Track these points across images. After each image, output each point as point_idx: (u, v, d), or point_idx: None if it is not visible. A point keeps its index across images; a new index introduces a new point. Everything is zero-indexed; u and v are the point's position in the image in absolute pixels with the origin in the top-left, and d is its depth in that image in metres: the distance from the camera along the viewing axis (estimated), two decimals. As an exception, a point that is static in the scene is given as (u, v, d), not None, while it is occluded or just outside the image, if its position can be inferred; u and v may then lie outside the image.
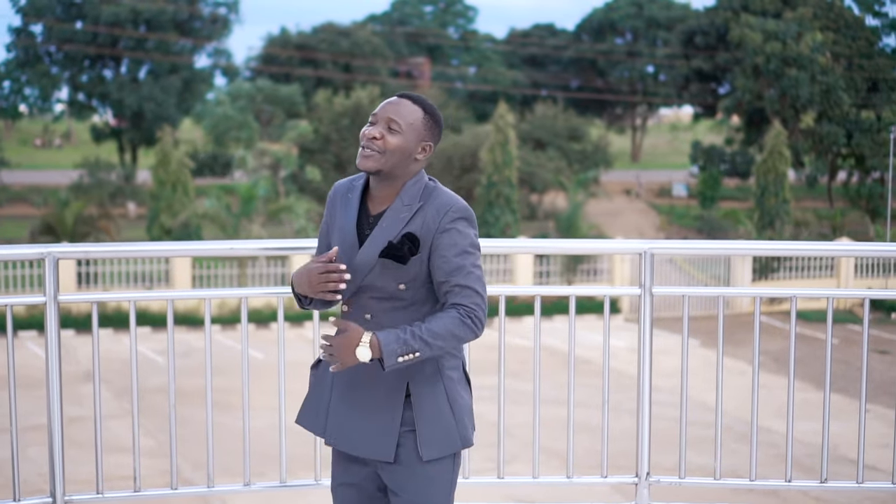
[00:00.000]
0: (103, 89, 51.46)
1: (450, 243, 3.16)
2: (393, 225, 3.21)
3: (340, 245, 3.26)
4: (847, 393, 16.64)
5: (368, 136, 3.22)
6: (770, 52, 43.01)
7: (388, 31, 62.76)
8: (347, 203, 3.32)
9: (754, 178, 37.86)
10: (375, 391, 3.23)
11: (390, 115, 3.23)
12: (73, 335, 23.83)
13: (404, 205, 3.22)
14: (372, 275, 3.20)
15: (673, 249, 4.72)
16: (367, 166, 3.21)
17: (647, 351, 4.43)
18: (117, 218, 36.88)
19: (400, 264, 3.16)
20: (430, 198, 3.22)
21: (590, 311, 24.83)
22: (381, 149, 3.20)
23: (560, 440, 9.95)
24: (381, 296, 3.22)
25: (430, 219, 3.18)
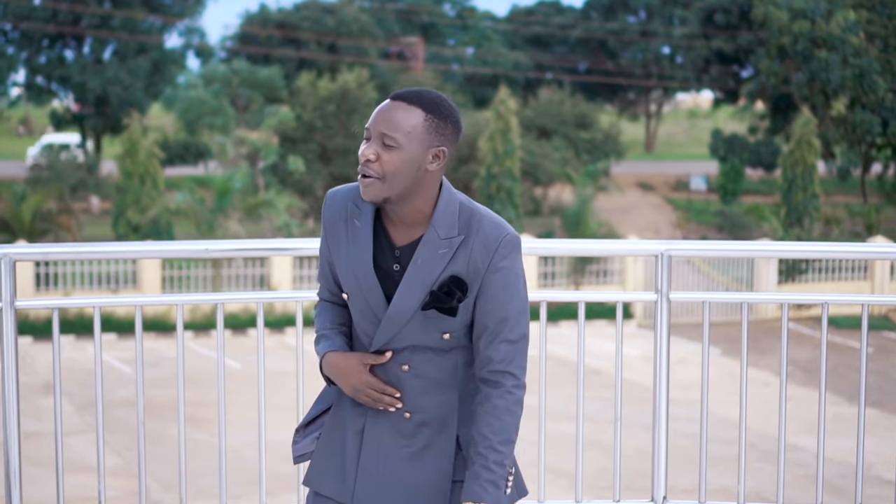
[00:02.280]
0: (64, 72, 51.35)
1: (502, 286, 2.97)
2: (431, 263, 2.96)
3: (356, 285, 3.02)
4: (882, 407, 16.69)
5: (363, 158, 2.97)
6: (798, 32, 43.05)
7: (377, 7, 62.74)
8: (356, 233, 3.04)
9: (780, 170, 37.89)
10: (419, 443, 3.06)
11: (382, 129, 2.96)
12: (30, 342, 23.82)
13: (441, 238, 2.97)
14: (411, 325, 2.99)
15: (693, 251, 4.72)
16: (370, 197, 2.95)
17: (664, 362, 4.43)
18: (79, 213, 36.85)
19: (448, 316, 2.96)
20: (471, 226, 2.98)
21: (600, 317, 24.84)
22: (378, 173, 2.94)
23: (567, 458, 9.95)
24: (418, 346, 3.01)
25: (477, 256, 2.96)
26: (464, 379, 3.08)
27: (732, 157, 47.33)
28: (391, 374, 3.04)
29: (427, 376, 3.04)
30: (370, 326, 3.03)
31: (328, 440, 3.15)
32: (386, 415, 3.06)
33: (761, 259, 29.85)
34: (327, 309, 3.19)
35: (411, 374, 3.03)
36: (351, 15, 56.85)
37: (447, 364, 3.04)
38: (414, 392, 3.04)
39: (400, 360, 3.03)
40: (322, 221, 3.12)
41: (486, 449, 2.95)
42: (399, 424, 3.06)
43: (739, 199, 45.90)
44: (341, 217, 3.07)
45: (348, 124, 41.50)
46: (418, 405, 3.05)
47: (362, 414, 3.09)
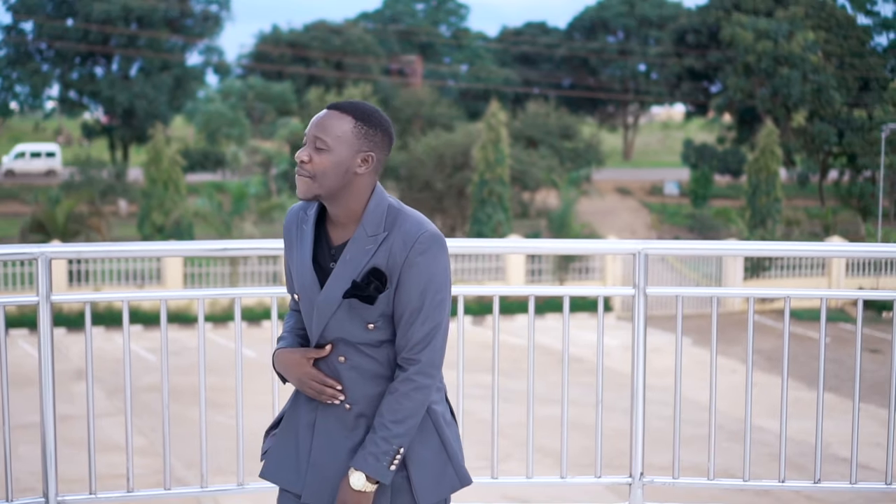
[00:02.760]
0: (94, 87, 51.36)
1: (417, 279, 2.93)
2: (357, 258, 2.96)
3: (300, 283, 3.02)
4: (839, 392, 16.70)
5: (297, 159, 2.98)
6: (762, 51, 43.08)
7: (379, 28, 62.71)
8: (302, 234, 3.06)
9: (746, 176, 37.92)
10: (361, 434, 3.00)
11: (314, 133, 2.96)
12: (64, 333, 23.80)
13: (368, 235, 2.96)
14: (338, 316, 2.97)
15: (667, 250, 4.72)
16: (300, 193, 2.99)
17: (641, 352, 4.44)
18: (108, 216, 36.83)
19: (368, 304, 2.94)
20: (395, 224, 2.96)
21: (582, 310, 24.84)
22: (310, 172, 2.95)
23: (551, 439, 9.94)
24: (351, 337, 2.99)
25: (396, 250, 2.93)
26: None
27: (702, 164, 47.35)
28: (330, 365, 3.01)
29: (361, 367, 2.99)
30: (312, 323, 3.03)
31: (284, 433, 3.11)
32: (333, 408, 3.01)
33: (729, 257, 29.88)
34: (292, 317, 3.19)
35: (347, 366, 2.99)
36: (356, 35, 56.84)
37: (380, 356, 3.00)
38: (351, 383, 3.00)
39: (338, 353, 3.00)
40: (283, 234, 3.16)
41: (379, 424, 2.93)
42: (342, 417, 3.01)
43: (709, 202, 45.91)
44: (294, 222, 3.11)
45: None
46: (356, 397, 3.00)
47: (314, 408, 3.05)
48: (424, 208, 40.82)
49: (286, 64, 56.38)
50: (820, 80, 42.76)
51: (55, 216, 32.33)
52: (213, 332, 24.39)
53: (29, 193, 42.22)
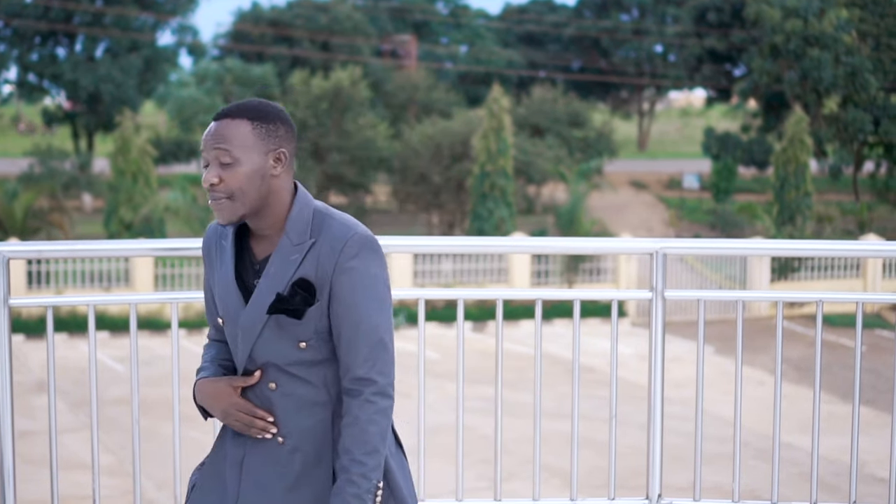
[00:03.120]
0: (56, 69, 51.29)
1: (354, 288, 2.88)
2: (282, 271, 2.90)
3: (224, 305, 2.96)
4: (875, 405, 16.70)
5: (206, 184, 2.91)
6: (790, 31, 43.09)
7: (370, 5, 62.71)
8: (222, 254, 3.01)
9: (773, 168, 37.92)
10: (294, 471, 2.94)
11: (214, 148, 2.91)
12: (22, 341, 23.78)
13: (294, 245, 2.90)
14: (265, 336, 2.90)
15: (687, 249, 4.72)
16: (224, 220, 2.92)
17: (659, 361, 4.43)
18: (71, 211, 36.80)
19: (295, 319, 2.88)
20: (322, 230, 2.91)
21: (593, 315, 24.85)
22: (226, 193, 2.90)
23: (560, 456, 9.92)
24: (282, 360, 2.91)
25: (324, 257, 2.88)
26: (337, 398, 2.97)
27: (725, 155, 47.38)
28: (260, 394, 2.95)
29: (295, 394, 2.93)
30: (236, 349, 2.98)
31: (209, 473, 3.05)
32: (263, 443, 2.95)
33: (754, 257, 29.89)
34: (212, 346, 3.15)
35: (279, 393, 2.93)
36: (344, 13, 56.82)
37: (315, 379, 2.93)
38: (284, 414, 2.94)
39: (267, 379, 2.94)
40: (202, 250, 3.12)
41: (349, 462, 2.84)
42: (274, 452, 2.95)
43: (732, 197, 45.95)
44: (213, 244, 3.07)
45: (341, 122, 41.47)
46: (289, 428, 2.94)
47: (242, 444, 2.98)
48: (420, 203, 40.87)
49: (267, 44, 56.34)
50: (854, 63, 42.78)
51: (13, 212, 32.31)
52: (186, 338, 24.38)
53: (-16, 187, 42.20)
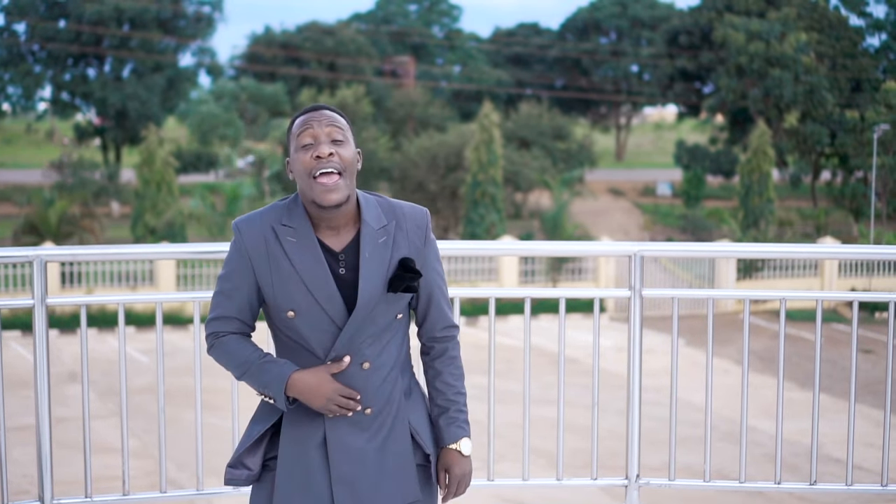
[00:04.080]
0: (86, 88, 51.26)
1: (434, 255, 3.02)
2: (378, 253, 2.89)
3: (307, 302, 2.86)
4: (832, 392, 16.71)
5: (323, 154, 2.83)
6: (753, 52, 43.13)
7: (372, 29, 62.69)
8: (296, 250, 2.87)
9: (738, 177, 37.97)
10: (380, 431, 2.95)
11: (329, 128, 2.88)
12: (57, 335, 23.74)
13: (376, 228, 2.90)
14: (373, 315, 2.89)
15: (663, 252, 4.72)
16: (336, 199, 2.84)
17: (637, 354, 4.43)
18: (101, 217, 36.74)
19: (411, 293, 2.93)
20: (394, 212, 2.94)
21: (575, 310, 24.75)
22: (340, 166, 2.85)
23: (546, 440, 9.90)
24: (377, 333, 2.92)
25: (413, 236, 2.94)
26: (404, 358, 3.03)
27: (695, 165, 47.41)
28: (354, 375, 2.91)
29: (383, 366, 2.93)
30: (325, 336, 2.89)
31: (288, 460, 2.94)
32: (344, 418, 2.91)
33: (722, 258, 29.89)
34: (243, 341, 2.99)
35: (371, 370, 2.91)
36: (348, 36, 56.81)
37: (396, 346, 2.96)
38: (373, 387, 2.93)
39: (360, 359, 2.90)
40: (242, 251, 2.91)
41: (455, 395, 3.02)
42: (359, 422, 2.92)
43: (701, 203, 45.96)
44: (263, 242, 2.90)
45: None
46: (376, 398, 2.93)
47: (319, 425, 2.92)
48: (417, 209, 40.80)
49: (279, 65, 56.32)
50: (812, 81, 42.83)
51: (48, 218, 32.25)
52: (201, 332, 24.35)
53: (21, 195, 42.10)
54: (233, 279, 2.94)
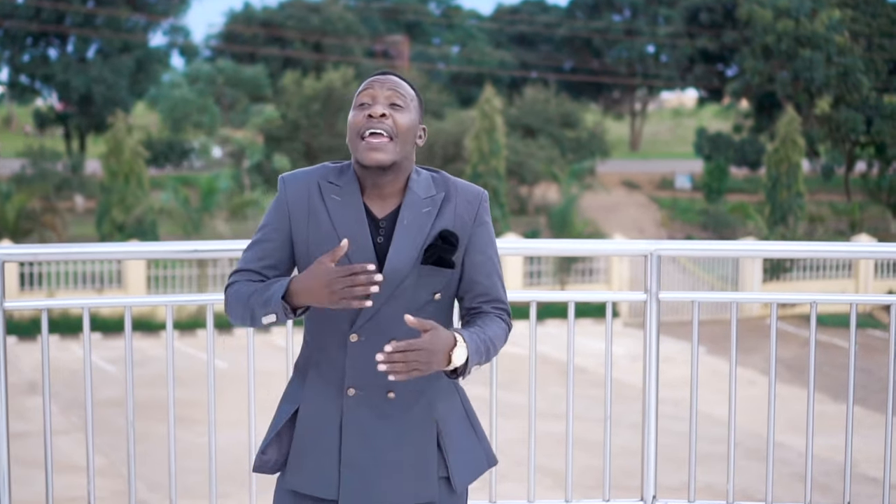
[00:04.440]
0: (47, 70, 51.21)
1: (488, 239, 3.03)
2: (416, 222, 2.95)
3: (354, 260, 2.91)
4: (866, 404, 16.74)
5: (374, 114, 2.92)
6: (782, 31, 43.15)
7: (362, 6, 62.69)
8: (339, 208, 2.95)
9: (765, 168, 37.98)
10: (402, 423, 3.00)
11: (390, 90, 2.97)
12: (15, 342, 23.73)
13: (422, 197, 2.97)
14: (403, 286, 2.93)
15: (682, 251, 4.72)
16: (379, 159, 2.90)
17: (654, 363, 4.43)
18: (64, 212, 36.73)
19: (442, 268, 2.94)
20: (448, 186, 3.01)
21: (585, 315, 24.82)
22: (391, 130, 2.92)
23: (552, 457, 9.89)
24: (409, 310, 2.92)
25: (462, 210, 2.99)
26: None
27: (717, 155, 47.42)
28: (378, 351, 2.87)
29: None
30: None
31: (302, 435, 3.03)
32: (365, 401, 2.97)
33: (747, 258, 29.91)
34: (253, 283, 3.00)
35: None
36: (336, 13, 56.80)
37: None
38: None
39: (387, 336, 2.91)
40: (282, 204, 3.01)
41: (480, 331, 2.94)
42: (381, 406, 2.98)
43: (724, 197, 45.99)
44: (306, 197, 2.99)
45: (333, 122, 41.45)
46: (402, 384, 2.96)
47: (336, 404, 2.98)
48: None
49: (259, 45, 56.32)
50: (846, 63, 42.84)
51: (5, 213, 32.25)
52: (178, 340, 24.34)
53: (-25, 188, 42.11)
54: (265, 232, 3.04)
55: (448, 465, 3.04)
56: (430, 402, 3.03)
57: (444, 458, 3.04)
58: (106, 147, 35.21)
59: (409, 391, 2.99)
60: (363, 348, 2.96)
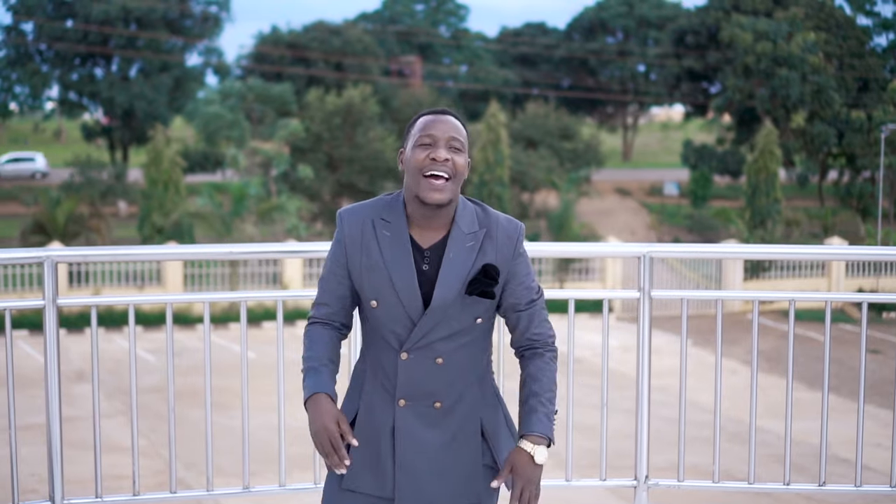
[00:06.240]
0: (94, 88, 51.33)
1: (525, 270, 3.05)
2: (462, 256, 2.98)
3: (389, 292, 2.97)
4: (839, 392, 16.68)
5: (438, 158, 2.96)
6: (761, 52, 43.07)
7: (379, 29, 62.69)
8: (388, 241, 3.00)
9: (745, 177, 37.90)
10: (449, 428, 3.03)
11: (451, 134, 2.99)
12: (64, 334, 23.77)
13: (466, 233, 3.00)
14: (449, 313, 2.97)
15: (672, 253, 4.70)
16: (440, 199, 2.94)
17: (646, 355, 4.42)
18: (108, 217, 36.81)
19: (488, 299, 2.98)
20: (489, 221, 3.03)
21: (581, 310, 24.78)
22: (451, 172, 2.96)
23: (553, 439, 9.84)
24: (453, 333, 2.99)
25: (502, 245, 3.01)
26: (484, 363, 3.09)
27: (702, 165, 47.35)
28: (426, 367, 2.99)
29: (457, 365, 3.00)
30: (402, 329, 2.98)
31: (361, 443, 3.05)
32: (414, 409, 3.01)
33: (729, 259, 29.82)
34: (324, 336, 3.11)
35: (445, 366, 3.00)
36: (355, 36, 56.80)
37: (478, 348, 3.04)
38: (444, 382, 3.01)
39: (433, 353, 2.99)
40: (340, 238, 3.06)
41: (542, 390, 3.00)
42: (428, 415, 3.02)
43: (708, 203, 45.91)
44: (360, 232, 3.03)
45: (353, 135, 41.45)
46: (446, 394, 3.02)
47: (390, 412, 3.03)
48: (424, 209, 40.80)
49: (286, 65, 56.34)
50: (819, 81, 42.75)
51: (55, 217, 32.29)
52: (212, 333, 24.33)
53: (28, 195, 42.18)
54: (330, 266, 3.09)
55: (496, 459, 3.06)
56: (475, 411, 3.06)
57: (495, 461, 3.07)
58: (147, 157, 35.28)
59: (454, 401, 3.04)
60: (413, 365, 3.00)
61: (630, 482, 4.51)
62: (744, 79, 44.85)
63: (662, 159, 63.83)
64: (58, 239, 30.90)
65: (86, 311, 23.02)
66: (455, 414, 3.03)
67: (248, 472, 4.39)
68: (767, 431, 14.69)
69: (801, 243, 33.29)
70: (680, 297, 4.50)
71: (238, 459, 4.43)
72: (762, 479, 4.63)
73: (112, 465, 9.32)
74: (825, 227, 39.53)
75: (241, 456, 4.37)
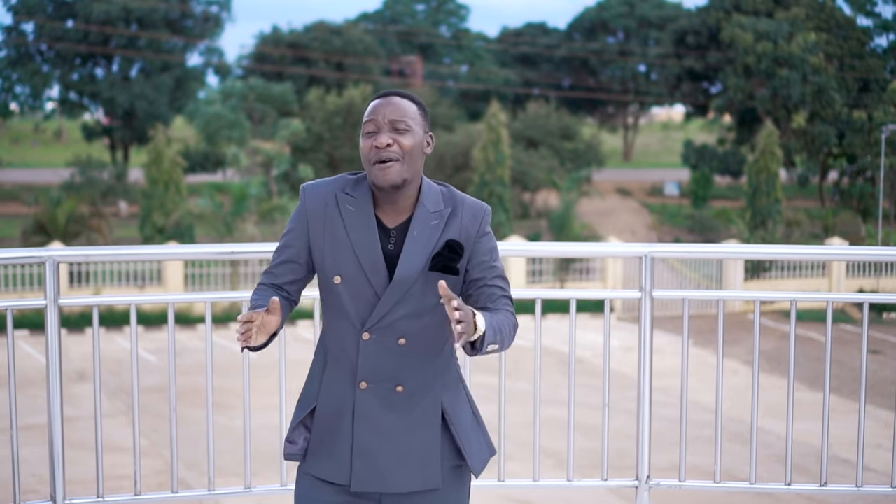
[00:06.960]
0: (94, 88, 51.32)
1: (489, 247, 3.03)
2: (425, 234, 2.97)
3: (354, 269, 2.96)
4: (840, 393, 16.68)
5: (380, 145, 2.94)
6: (761, 52, 43.06)
7: (380, 29, 62.70)
8: (352, 217, 2.99)
9: (746, 177, 37.89)
10: (411, 413, 3.00)
11: (393, 116, 2.96)
12: (65, 334, 23.76)
13: (431, 211, 2.99)
14: (412, 291, 2.95)
15: (674, 253, 4.71)
16: (392, 180, 2.93)
17: (648, 355, 4.42)
18: (109, 217, 36.80)
19: (448, 275, 2.95)
20: (455, 201, 3.03)
21: (582, 310, 24.79)
22: (399, 154, 2.94)
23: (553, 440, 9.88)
24: (416, 312, 2.96)
25: (467, 224, 3.00)
26: (447, 348, 3.05)
27: (703, 165, 47.34)
28: (388, 348, 2.96)
29: (420, 346, 2.97)
30: (365, 306, 2.95)
31: (320, 424, 3.04)
32: (375, 392, 2.97)
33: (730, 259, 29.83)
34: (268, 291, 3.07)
35: (407, 347, 2.96)
36: (356, 36, 56.81)
37: (438, 333, 2.99)
38: (407, 365, 2.98)
39: (396, 333, 2.96)
40: (302, 212, 3.05)
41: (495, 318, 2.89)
42: (389, 399, 2.98)
43: (709, 203, 45.89)
44: (323, 206, 3.02)
45: (353, 135, 41.43)
46: (408, 377, 2.98)
47: (350, 395, 2.99)
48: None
49: (287, 65, 56.33)
50: (820, 82, 42.74)
51: (56, 217, 32.29)
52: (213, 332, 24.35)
53: (29, 194, 42.19)
54: (288, 238, 3.09)
55: (465, 454, 3.03)
56: (437, 396, 3.02)
57: (457, 447, 3.04)
58: (147, 157, 35.26)
59: (417, 385, 3.00)
60: (374, 346, 2.97)
61: (631, 482, 4.51)
62: (744, 79, 44.84)
63: (663, 159, 63.83)
64: (59, 239, 30.90)
65: (87, 310, 23.01)
66: (417, 398, 2.99)
67: (250, 471, 4.39)
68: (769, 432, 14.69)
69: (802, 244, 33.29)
70: (681, 298, 4.51)
71: (239, 459, 4.43)
72: (763, 480, 4.63)
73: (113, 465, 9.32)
74: (826, 228, 39.52)
75: (243, 456, 4.37)
